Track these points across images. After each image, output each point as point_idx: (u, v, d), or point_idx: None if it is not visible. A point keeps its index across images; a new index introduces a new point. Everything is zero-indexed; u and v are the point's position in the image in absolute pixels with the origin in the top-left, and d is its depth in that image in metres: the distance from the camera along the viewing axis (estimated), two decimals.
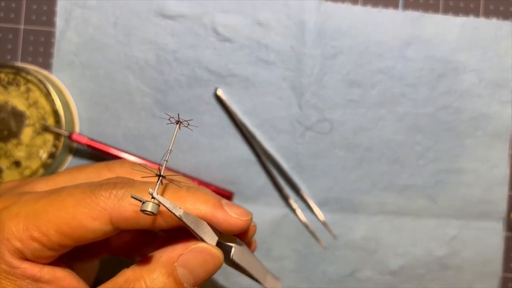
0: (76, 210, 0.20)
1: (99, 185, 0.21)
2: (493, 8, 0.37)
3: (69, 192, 0.21)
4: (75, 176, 0.25)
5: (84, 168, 0.25)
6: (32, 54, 0.36)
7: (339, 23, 0.36)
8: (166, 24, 0.36)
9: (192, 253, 0.21)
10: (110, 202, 0.20)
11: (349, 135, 0.37)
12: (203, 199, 0.22)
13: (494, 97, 0.37)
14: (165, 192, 0.21)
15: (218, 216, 0.21)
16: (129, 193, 0.21)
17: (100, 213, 0.20)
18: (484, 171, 0.37)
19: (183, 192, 0.22)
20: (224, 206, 0.22)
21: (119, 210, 0.20)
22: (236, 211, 0.22)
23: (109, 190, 0.21)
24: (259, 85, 0.36)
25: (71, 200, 0.21)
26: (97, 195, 0.21)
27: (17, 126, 0.33)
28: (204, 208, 0.21)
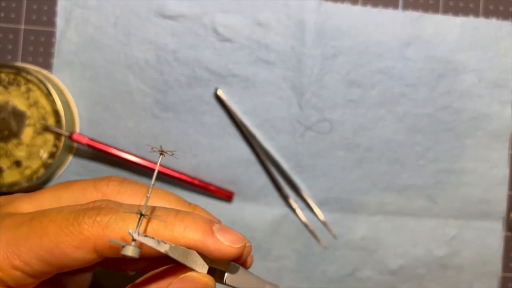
0: (58, 238, 0.20)
1: (83, 211, 0.20)
2: (493, 8, 0.37)
3: (51, 219, 0.20)
4: (60, 195, 0.23)
5: (69, 186, 0.24)
6: (33, 54, 0.36)
7: (339, 23, 0.36)
8: (166, 24, 0.36)
9: (182, 282, 0.20)
10: (94, 230, 0.19)
11: (349, 135, 0.37)
12: (192, 226, 0.20)
13: (494, 97, 0.37)
14: (151, 220, 0.20)
15: (208, 244, 0.20)
16: (114, 220, 0.20)
17: (83, 242, 0.20)
18: (484, 171, 0.37)
19: (170, 218, 0.21)
20: (215, 233, 0.21)
21: (104, 239, 0.19)
22: (228, 238, 0.21)
23: (92, 217, 0.20)
24: (259, 85, 0.36)
25: (53, 228, 0.20)
26: (80, 222, 0.20)
27: (17, 126, 0.34)
28: (194, 236, 0.20)
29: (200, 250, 0.21)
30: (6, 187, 0.33)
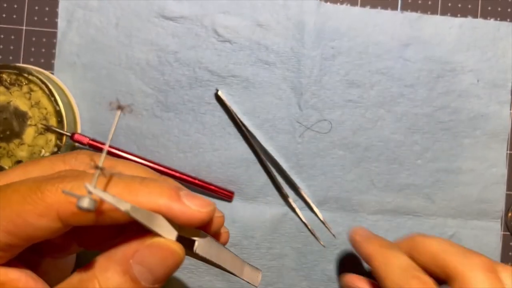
0: (21, 207, 0.19)
1: (46, 180, 0.19)
2: (491, 9, 0.38)
3: (14, 189, 0.19)
4: (29, 170, 0.22)
5: (38, 161, 0.23)
6: (34, 55, 0.36)
7: (338, 24, 0.37)
8: (167, 25, 0.36)
9: (149, 249, 0.19)
10: (57, 197, 0.19)
11: (348, 135, 0.37)
12: (157, 191, 0.19)
13: (492, 97, 0.37)
14: (114, 185, 0.19)
15: (174, 208, 0.19)
16: (77, 187, 0.19)
17: (46, 210, 0.19)
18: (482, 171, 0.37)
19: (135, 184, 0.20)
20: (181, 198, 0.20)
21: (66, 206, 0.19)
22: (195, 202, 0.20)
23: (55, 185, 0.19)
24: (259, 85, 0.36)
25: (16, 197, 0.19)
26: (43, 190, 0.19)
27: (19, 126, 0.34)
28: (159, 200, 0.19)
29: (166, 215, 0.20)
30: None
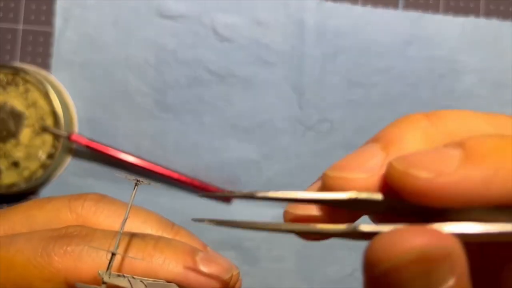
0: (26, 271, 0.18)
1: (53, 240, 0.19)
2: (493, 8, 0.37)
3: (18, 248, 0.19)
4: (33, 215, 0.22)
5: (42, 205, 0.22)
6: (31, 54, 0.36)
7: (339, 22, 0.36)
8: (166, 24, 0.36)
9: None
10: (65, 262, 0.18)
11: (350, 135, 0.36)
12: (173, 258, 0.19)
13: (494, 98, 0.37)
14: (128, 248, 0.19)
15: (190, 277, 0.19)
16: (87, 251, 0.18)
17: (53, 275, 0.18)
18: None
19: (149, 248, 0.19)
20: (198, 264, 0.19)
21: (75, 272, 0.18)
22: (213, 269, 0.19)
23: (63, 247, 0.18)
24: (259, 85, 0.36)
25: (20, 258, 0.18)
26: (49, 253, 0.18)
27: (16, 127, 0.33)
28: (174, 268, 0.19)
29: (181, 284, 0.19)
30: (5, 188, 0.33)
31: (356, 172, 0.14)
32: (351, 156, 0.14)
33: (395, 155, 0.13)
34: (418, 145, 0.14)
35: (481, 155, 0.12)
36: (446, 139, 0.14)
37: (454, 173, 0.12)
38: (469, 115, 0.15)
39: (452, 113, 0.15)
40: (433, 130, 0.14)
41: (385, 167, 0.13)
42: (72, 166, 0.36)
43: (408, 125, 0.14)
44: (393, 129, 0.14)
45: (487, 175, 0.12)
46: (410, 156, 0.13)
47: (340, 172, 0.14)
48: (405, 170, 0.12)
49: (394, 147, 0.14)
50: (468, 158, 0.12)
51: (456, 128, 0.14)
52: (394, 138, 0.14)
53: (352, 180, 0.13)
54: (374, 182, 0.13)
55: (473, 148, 0.12)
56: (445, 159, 0.12)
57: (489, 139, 0.13)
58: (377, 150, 0.14)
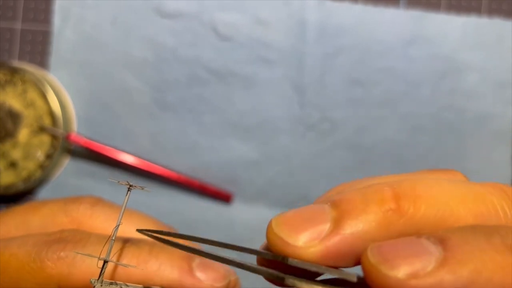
0: (19, 275, 0.18)
1: (47, 245, 0.19)
2: (496, 7, 0.37)
3: (12, 253, 0.19)
4: (28, 219, 0.22)
5: (38, 209, 0.22)
6: (30, 54, 0.35)
7: (340, 21, 0.36)
8: (165, 22, 0.35)
9: None
10: (58, 268, 0.18)
11: (351, 135, 0.36)
12: (168, 263, 0.19)
13: (497, 97, 0.37)
14: (122, 254, 0.19)
15: (186, 284, 0.19)
16: (80, 257, 0.18)
17: (46, 280, 0.18)
18: (487, 171, 0.37)
19: (144, 254, 0.19)
20: (194, 270, 0.19)
21: (68, 277, 0.18)
22: (209, 275, 0.19)
23: (57, 252, 0.18)
24: (260, 84, 0.36)
25: (14, 263, 0.18)
26: (43, 259, 0.18)
27: (14, 127, 0.33)
28: (170, 274, 0.19)
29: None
30: (3, 188, 0.33)
31: (297, 238, 0.13)
32: (302, 212, 0.14)
33: (345, 229, 0.13)
34: (373, 229, 0.13)
35: (462, 259, 0.11)
36: (411, 228, 0.13)
37: (430, 275, 0.11)
38: (446, 197, 0.13)
39: (426, 195, 0.13)
40: (396, 219, 0.13)
41: (330, 238, 0.13)
42: (71, 166, 0.35)
43: (372, 203, 0.13)
44: (355, 200, 0.13)
45: (467, 281, 0.11)
46: (385, 247, 0.12)
47: (283, 230, 0.13)
48: (378, 266, 0.11)
49: (348, 221, 0.13)
50: (448, 260, 0.11)
51: (428, 215, 0.13)
52: (352, 212, 0.13)
53: (291, 246, 0.13)
54: (314, 252, 0.13)
55: (454, 249, 0.11)
56: (422, 256, 0.11)
57: (472, 238, 0.12)
58: (328, 217, 0.13)
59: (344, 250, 0.13)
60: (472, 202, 0.13)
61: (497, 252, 0.11)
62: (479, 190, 0.13)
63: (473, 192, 0.13)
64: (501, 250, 0.11)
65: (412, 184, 0.13)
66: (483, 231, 0.12)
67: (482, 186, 0.14)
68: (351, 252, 0.13)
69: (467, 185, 0.14)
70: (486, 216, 0.13)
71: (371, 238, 0.12)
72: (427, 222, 0.13)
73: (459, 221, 0.13)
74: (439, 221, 0.13)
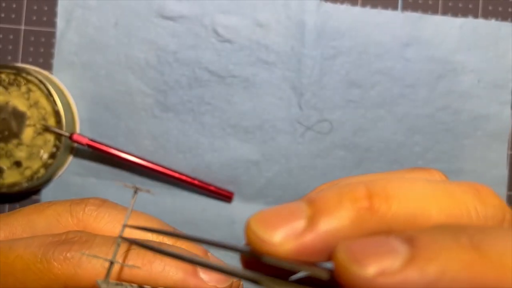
0: (25, 276, 0.18)
1: (53, 245, 0.19)
2: (492, 9, 0.37)
3: (18, 254, 0.19)
4: (33, 220, 0.22)
5: (43, 210, 0.22)
6: (33, 55, 0.36)
7: (339, 23, 0.36)
8: (166, 24, 0.36)
9: None
10: (65, 269, 0.18)
11: (349, 135, 0.37)
12: (173, 264, 0.19)
13: (493, 98, 0.37)
14: (129, 257, 0.19)
15: (190, 284, 0.19)
16: (86, 257, 0.18)
17: (52, 281, 0.18)
18: (483, 172, 0.37)
19: (149, 255, 0.19)
20: (198, 271, 0.19)
21: (74, 278, 0.18)
22: (213, 277, 0.19)
23: (63, 253, 0.18)
24: (259, 85, 0.36)
25: (20, 264, 0.18)
26: (49, 260, 0.18)
27: (18, 127, 0.34)
28: (174, 275, 0.19)
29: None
30: (6, 187, 0.33)
31: (272, 235, 0.13)
32: (279, 210, 0.14)
33: (319, 226, 0.13)
34: (346, 227, 0.13)
35: (429, 257, 0.11)
36: (383, 226, 0.13)
37: (397, 273, 0.11)
38: (419, 196, 0.13)
39: (398, 194, 0.13)
40: (368, 217, 0.13)
41: (304, 235, 0.13)
42: (74, 165, 0.36)
43: (345, 201, 0.13)
44: (329, 198, 0.13)
45: (432, 279, 0.11)
46: (355, 246, 0.12)
47: (260, 227, 0.13)
48: (347, 264, 0.12)
49: (321, 219, 0.13)
50: (415, 258, 0.11)
51: (400, 214, 0.13)
52: (326, 209, 0.13)
53: (266, 243, 0.13)
54: (288, 249, 0.13)
55: (421, 247, 0.11)
56: (390, 254, 0.12)
57: (440, 237, 0.12)
58: (303, 214, 0.13)
59: (318, 247, 0.13)
60: (445, 202, 0.13)
61: (464, 251, 0.11)
62: (453, 190, 0.13)
63: (447, 192, 0.13)
64: (467, 249, 0.11)
65: (385, 183, 0.13)
66: (451, 230, 0.12)
67: (457, 185, 0.14)
68: (324, 248, 0.13)
69: (442, 184, 0.14)
70: (458, 216, 0.13)
71: (344, 235, 0.13)
72: (398, 220, 0.13)
73: (431, 220, 0.13)
74: (411, 220, 0.13)
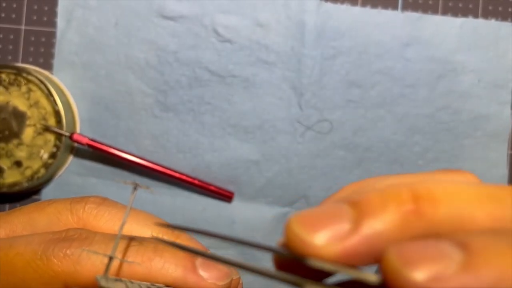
0: (25, 274, 0.18)
1: (53, 243, 0.19)
2: (492, 9, 0.37)
3: (18, 252, 0.19)
4: (34, 218, 0.22)
5: (43, 208, 0.22)
6: (33, 55, 0.36)
7: (339, 23, 0.36)
8: (166, 24, 0.36)
9: None
10: (65, 266, 0.18)
11: (349, 135, 0.37)
12: (172, 262, 0.19)
13: (493, 98, 0.37)
14: (128, 253, 0.19)
15: (189, 282, 0.19)
16: (86, 254, 0.18)
17: (52, 278, 0.18)
18: (483, 171, 0.37)
19: (149, 252, 0.19)
20: (197, 269, 0.19)
21: (74, 276, 0.18)
22: (212, 274, 0.19)
23: (63, 250, 0.18)
24: (259, 85, 0.36)
25: (20, 262, 0.18)
26: (49, 257, 0.18)
27: (18, 126, 0.34)
28: (173, 272, 0.19)
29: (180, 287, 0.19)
30: (7, 187, 0.33)
31: (316, 237, 0.12)
32: (320, 211, 0.13)
33: (365, 229, 0.12)
34: (392, 230, 0.12)
35: (484, 263, 0.11)
36: (429, 230, 0.13)
37: (452, 279, 0.11)
38: (464, 199, 0.13)
39: (444, 197, 0.13)
40: (415, 220, 0.12)
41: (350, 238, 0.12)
42: (74, 165, 0.36)
43: (391, 204, 0.13)
44: (373, 200, 0.13)
45: (489, 286, 0.11)
46: (406, 249, 0.12)
47: (302, 229, 0.13)
48: (398, 267, 0.11)
49: (367, 221, 0.13)
50: (470, 264, 0.11)
51: (447, 218, 0.13)
52: (371, 212, 0.13)
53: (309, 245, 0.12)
54: (333, 251, 0.12)
55: (476, 253, 0.11)
56: (444, 260, 0.11)
57: (493, 242, 0.11)
58: (347, 216, 0.13)
59: (362, 250, 0.12)
60: (490, 205, 0.13)
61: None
62: (496, 193, 0.13)
63: (491, 194, 0.13)
64: None
65: (430, 186, 0.13)
66: (505, 235, 0.12)
67: (499, 188, 0.13)
68: (369, 252, 0.12)
69: (485, 187, 0.13)
70: (503, 220, 0.13)
71: (390, 239, 0.12)
72: (445, 224, 0.12)
73: (477, 223, 0.12)
74: (458, 223, 0.12)
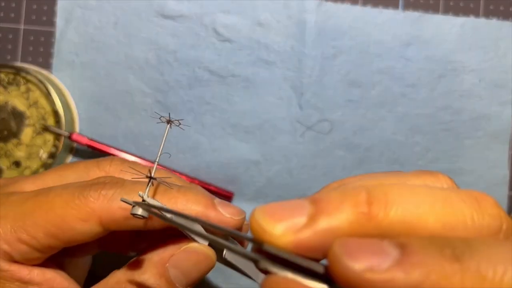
0: (64, 211, 0.20)
1: (88, 186, 0.21)
2: (493, 8, 0.37)
3: (57, 193, 0.21)
4: (63, 174, 0.24)
5: (72, 165, 0.24)
6: (32, 54, 0.36)
7: (339, 23, 0.36)
8: (166, 24, 0.36)
9: (184, 253, 0.21)
10: (99, 203, 0.20)
11: (349, 135, 0.37)
12: (194, 199, 0.21)
13: (494, 98, 0.37)
14: (155, 193, 0.21)
15: (210, 216, 0.21)
16: (118, 194, 0.20)
17: (89, 215, 0.20)
18: (483, 171, 0.37)
19: (173, 192, 0.21)
20: (216, 206, 0.22)
21: (109, 212, 0.20)
22: (229, 211, 0.22)
23: (98, 191, 0.20)
24: (259, 85, 0.36)
25: (59, 201, 0.20)
26: (86, 196, 0.20)
27: (17, 126, 0.33)
28: (196, 208, 0.21)
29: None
30: None
31: (273, 226, 0.14)
32: (283, 205, 0.15)
33: (318, 225, 0.14)
34: (344, 228, 0.14)
35: (415, 263, 0.12)
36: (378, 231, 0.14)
37: (385, 272, 0.12)
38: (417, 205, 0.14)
39: (396, 202, 0.14)
40: (366, 222, 0.14)
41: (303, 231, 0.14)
42: None
43: (347, 204, 0.14)
44: (331, 199, 0.14)
45: (415, 282, 0.12)
46: (351, 243, 0.13)
47: (263, 218, 0.14)
48: (340, 256, 0.13)
49: (322, 218, 0.14)
50: (403, 262, 0.12)
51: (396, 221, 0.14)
52: (325, 210, 0.14)
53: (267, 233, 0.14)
54: (287, 241, 0.14)
55: (410, 254, 0.12)
56: (381, 255, 0.13)
57: (428, 246, 0.13)
58: (305, 211, 0.14)
59: (314, 243, 0.14)
60: (442, 211, 0.14)
61: (446, 261, 0.12)
62: (452, 199, 0.14)
63: (445, 200, 0.14)
64: (449, 260, 0.12)
65: (386, 190, 0.14)
66: (439, 242, 0.13)
67: (457, 194, 0.14)
68: (321, 246, 0.14)
69: (441, 192, 0.14)
70: (454, 225, 0.14)
71: (341, 236, 0.14)
72: (394, 227, 0.14)
73: (427, 228, 0.14)
74: (407, 227, 0.14)
